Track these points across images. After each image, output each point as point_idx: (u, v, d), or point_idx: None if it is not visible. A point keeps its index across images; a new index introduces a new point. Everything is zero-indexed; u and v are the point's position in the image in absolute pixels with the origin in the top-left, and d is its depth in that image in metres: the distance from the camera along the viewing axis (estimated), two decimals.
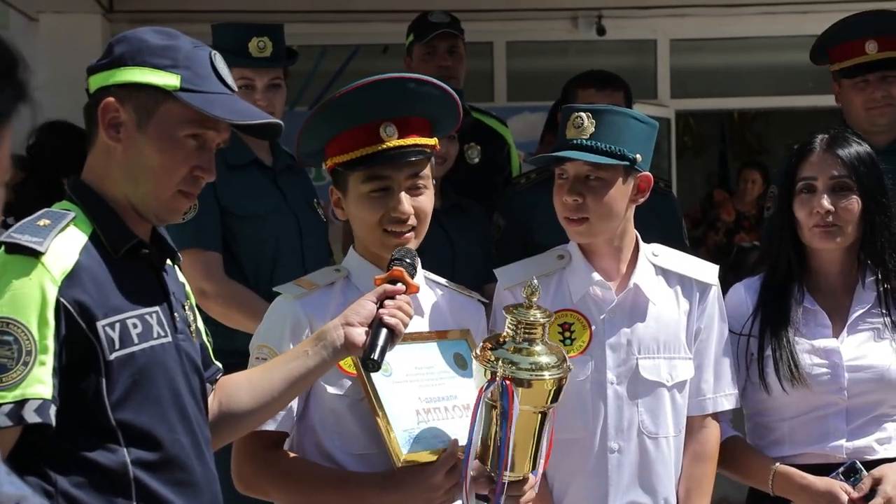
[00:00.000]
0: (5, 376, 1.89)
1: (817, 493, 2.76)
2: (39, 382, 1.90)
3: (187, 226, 3.56)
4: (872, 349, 2.85)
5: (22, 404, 1.88)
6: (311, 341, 2.27)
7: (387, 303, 2.26)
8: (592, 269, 2.74)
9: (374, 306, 2.26)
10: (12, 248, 1.95)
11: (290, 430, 2.46)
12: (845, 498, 2.75)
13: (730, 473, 2.92)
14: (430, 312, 2.54)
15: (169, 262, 2.20)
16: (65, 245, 1.99)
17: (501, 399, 2.28)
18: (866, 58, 3.79)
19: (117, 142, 2.07)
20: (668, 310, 2.75)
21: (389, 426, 2.36)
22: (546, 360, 2.32)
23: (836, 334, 2.87)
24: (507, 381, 2.28)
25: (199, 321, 2.29)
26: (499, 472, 2.31)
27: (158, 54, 2.05)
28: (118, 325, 1.99)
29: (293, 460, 2.44)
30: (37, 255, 1.94)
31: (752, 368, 2.87)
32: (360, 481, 2.40)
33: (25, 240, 1.95)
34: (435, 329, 2.53)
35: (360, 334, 2.23)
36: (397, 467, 2.35)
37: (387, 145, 2.41)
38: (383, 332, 2.23)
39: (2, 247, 1.98)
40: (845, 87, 3.86)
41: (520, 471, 2.35)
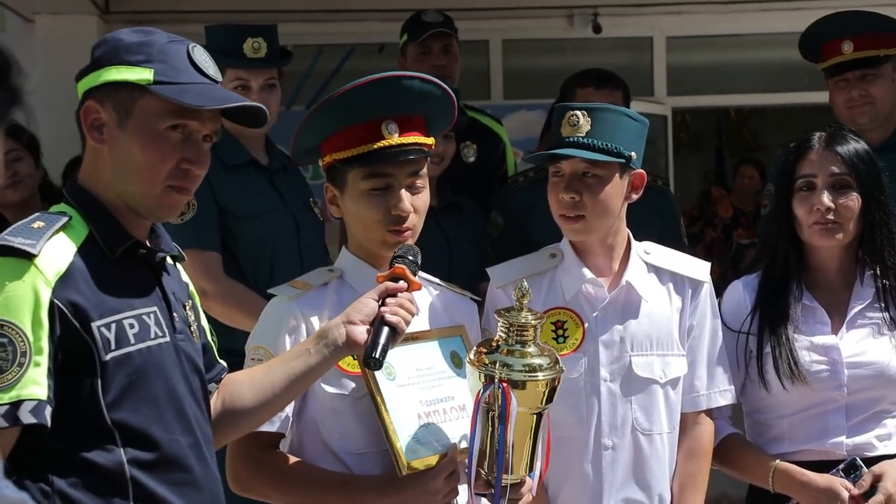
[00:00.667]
0: (0, 378, 1.88)
1: (817, 489, 2.76)
2: (34, 384, 1.90)
3: (186, 226, 3.57)
4: (871, 345, 2.85)
5: (17, 405, 1.88)
6: (313, 340, 2.26)
7: (388, 300, 2.26)
8: (584, 267, 2.74)
9: (375, 304, 2.25)
10: (5, 251, 1.95)
11: (286, 431, 2.45)
12: (846, 494, 2.74)
13: (729, 471, 2.92)
14: (426, 311, 2.54)
15: (170, 262, 2.19)
16: (59, 247, 1.98)
17: (500, 402, 2.28)
18: (843, 57, 3.83)
19: (102, 143, 2.07)
20: (660, 307, 2.75)
21: (395, 434, 2.36)
22: (539, 361, 2.33)
23: (835, 331, 2.87)
24: (505, 384, 2.28)
25: (203, 320, 2.29)
26: (498, 475, 2.31)
27: (133, 51, 2.06)
28: (114, 325, 1.98)
29: (290, 461, 2.44)
30: (30, 257, 1.93)
31: (752, 366, 2.87)
32: (360, 484, 2.39)
33: (18, 242, 1.94)
34: (426, 326, 2.52)
35: (362, 332, 2.23)
36: (402, 475, 2.35)
37: (388, 143, 2.40)
38: (385, 330, 2.22)
39: None
40: (829, 85, 3.90)
41: (517, 473, 2.35)
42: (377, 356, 2.20)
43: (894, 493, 2.74)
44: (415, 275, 2.33)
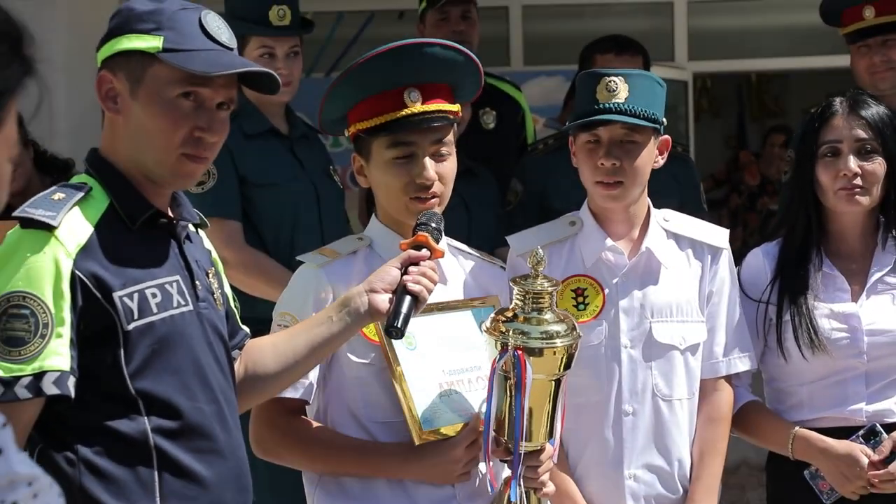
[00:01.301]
0: (23, 349, 1.90)
1: (837, 456, 2.76)
2: (57, 355, 1.91)
3: (206, 195, 3.59)
4: (892, 312, 2.84)
5: (40, 377, 1.90)
6: (336, 307, 2.27)
7: (411, 269, 2.26)
8: (605, 235, 2.74)
9: (398, 273, 2.26)
10: (26, 223, 1.96)
11: (309, 398, 2.47)
12: (865, 461, 2.75)
13: (749, 438, 2.93)
14: (454, 280, 2.54)
15: (193, 229, 2.20)
16: (79, 218, 1.99)
17: (514, 369, 2.29)
18: (865, 23, 3.81)
19: (117, 112, 2.08)
20: (680, 273, 2.76)
21: (411, 403, 2.37)
22: (556, 328, 2.33)
23: (855, 298, 2.86)
24: (519, 351, 2.29)
25: (227, 287, 2.30)
26: (516, 443, 2.32)
27: (144, 20, 2.05)
28: (136, 295, 1.99)
29: (313, 428, 2.46)
30: (50, 228, 1.95)
31: (771, 334, 2.86)
32: (381, 451, 2.41)
33: (39, 214, 1.96)
34: (458, 295, 2.52)
35: (384, 301, 2.23)
36: (417, 444, 2.37)
37: (411, 111, 2.40)
38: (407, 298, 2.22)
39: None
40: (851, 51, 3.88)
41: (536, 440, 2.36)
42: (399, 325, 2.20)
43: None
44: (437, 242, 2.33)
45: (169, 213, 2.13)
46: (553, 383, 2.35)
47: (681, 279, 2.76)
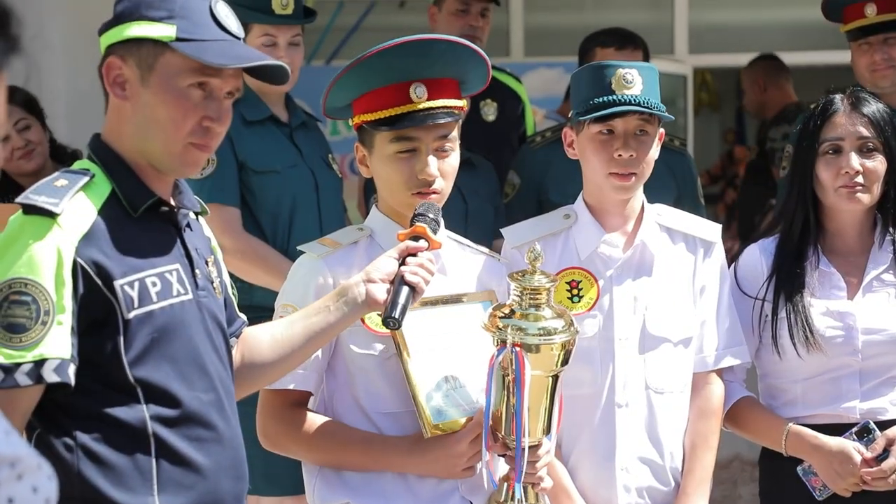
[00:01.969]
0: (24, 336, 1.90)
1: (830, 452, 2.77)
2: (58, 342, 1.92)
3: (205, 181, 3.59)
4: (887, 310, 2.85)
5: (41, 364, 1.90)
6: (333, 297, 2.28)
7: (409, 260, 2.27)
8: (600, 227, 2.75)
9: (395, 263, 2.27)
10: (29, 210, 1.96)
11: (315, 390, 2.48)
12: (858, 458, 2.76)
13: (743, 433, 2.94)
14: (453, 272, 2.55)
15: (193, 217, 2.20)
16: (82, 205, 1.99)
17: (513, 366, 2.30)
18: (866, 20, 3.81)
19: (124, 99, 2.07)
20: (673, 267, 2.77)
21: (422, 396, 2.38)
22: (554, 324, 2.34)
23: (851, 296, 2.87)
24: (518, 348, 2.29)
25: (225, 275, 2.30)
26: (518, 439, 2.33)
27: (155, 6, 2.05)
28: (137, 283, 2.00)
29: (317, 420, 2.46)
30: (52, 216, 1.95)
31: (766, 331, 2.87)
32: (385, 444, 2.42)
33: (42, 201, 1.95)
34: (458, 289, 2.53)
35: (382, 291, 2.24)
36: (427, 437, 2.37)
37: (416, 106, 2.40)
38: (404, 289, 2.23)
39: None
40: (852, 48, 3.89)
41: (533, 436, 2.37)
42: (396, 316, 2.21)
43: None
44: (435, 233, 2.34)
45: (171, 200, 2.14)
46: (550, 379, 2.37)
47: (674, 272, 2.77)
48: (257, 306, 3.28)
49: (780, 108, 6.14)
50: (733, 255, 3.09)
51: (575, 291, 2.73)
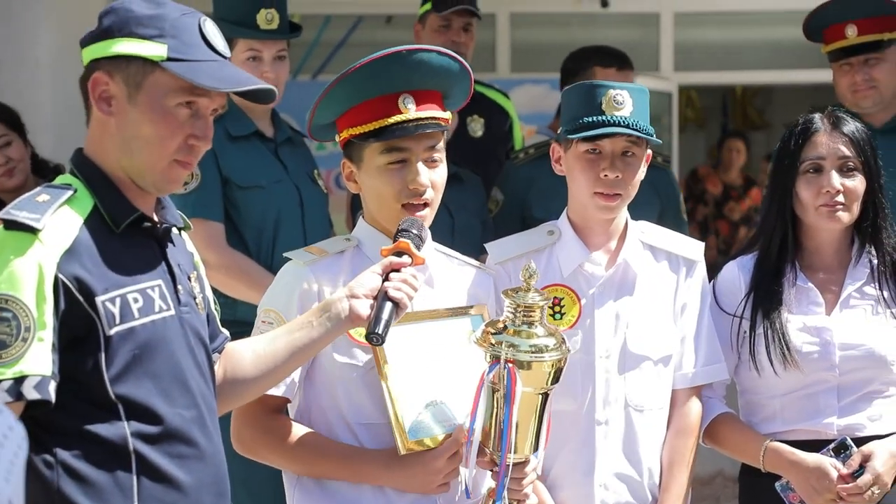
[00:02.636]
0: (4, 353, 1.90)
1: (807, 468, 2.79)
2: (38, 359, 1.91)
3: (189, 196, 3.60)
4: (864, 326, 2.87)
5: (21, 381, 1.90)
6: (316, 312, 2.28)
7: (392, 275, 2.27)
8: (583, 245, 2.77)
9: (379, 279, 2.27)
10: (10, 225, 1.96)
11: (292, 396, 2.48)
12: (835, 474, 2.77)
13: (722, 449, 2.95)
14: (441, 284, 2.56)
15: (176, 232, 2.20)
16: (63, 221, 1.99)
17: (504, 382, 2.31)
18: (847, 42, 3.83)
19: (110, 115, 2.07)
20: (655, 285, 2.79)
21: (399, 412, 2.38)
22: (546, 342, 2.35)
23: (829, 311, 2.89)
24: (510, 364, 2.31)
25: (208, 290, 2.30)
26: (502, 455, 2.34)
27: (145, 24, 2.04)
28: (118, 299, 2.00)
29: (295, 429, 2.46)
30: (34, 231, 1.94)
31: (744, 348, 2.89)
32: (363, 457, 2.42)
33: (23, 216, 1.95)
34: (445, 301, 2.54)
35: (365, 307, 2.24)
36: (401, 453, 2.38)
37: (406, 117, 2.41)
38: (388, 305, 2.23)
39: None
40: (833, 69, 3.91)
41: (521, 452, 2.38)
42: (380, 331, 2.21)
43: (883, 472, 2.77)
44: (419, 249, 2.35)
45: (153, 216, 2.14)
46: (540, 397, 2.38)
47: (656, 291, 2.79)
48: (241, 321, 3.28)
49: None
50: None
51: (557, 309, 2.74)
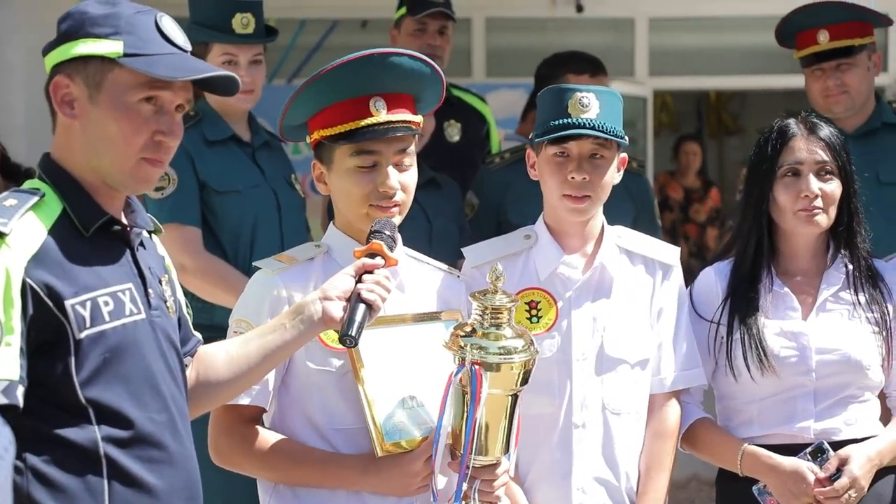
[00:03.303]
0: None
1: (784, 472, 2.80)
2: (6, 363, 1.89)
3: (166, 201, 3.58)
4: (840, 331, 2.88)
5: None
6: (289, 314, 2.28)
7: (365, 277, 2.27)
8: (559, 248, 2.77)
9: (352, 280, 2.26)
10: None
11: (266, 405, 2.47)
12: (812, 478, 2.78)
13: (699, 454, 2.95)
14: (413, 288, 2.55)
15: (146, 235, 2.18)
16: (31, 225, 1.97)
17: (471, 384, 2.31)
18: (819, 47, 3.85)
19: (73, 118, 2.06)
20: (632, 289, 2.79)
21: (376, 415, 2.38)
22: (514, 343, 2.36)
23: (805, 316, 2.91)
24: (476, 366, 2.31)
25: (179, 293, 2.29)
26: (463, 456, 2.33)
27: (100, 23, 2.03)
28: (89, 303, 1.98)
29: (271, 437, 2.46)
30: (1, 235, 1.92)
31: (721, 353, 2.90)
32: (339, 462, 2.41)
33: None
34: (417, 306, 2.54)
35: (338, 308, 2.24)
36: (378, 455, 2.37)
37: (376, 120, 2.41)
38: (361, 307, 2.23)
39: None
40: (805, 74, 3.93)
41: (492, 455, 2.38)
42: (353, 333, 2.21)
43: (859, 476, 2.78)
44: (392, 250, 2.35)
45: (123, 219, 2.12)
46: (510, 398, 2.38)
47: (632, 295, 2.79)
48: (218, 326, 3.26)
49: None
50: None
51: (534, 312, 2.75)
